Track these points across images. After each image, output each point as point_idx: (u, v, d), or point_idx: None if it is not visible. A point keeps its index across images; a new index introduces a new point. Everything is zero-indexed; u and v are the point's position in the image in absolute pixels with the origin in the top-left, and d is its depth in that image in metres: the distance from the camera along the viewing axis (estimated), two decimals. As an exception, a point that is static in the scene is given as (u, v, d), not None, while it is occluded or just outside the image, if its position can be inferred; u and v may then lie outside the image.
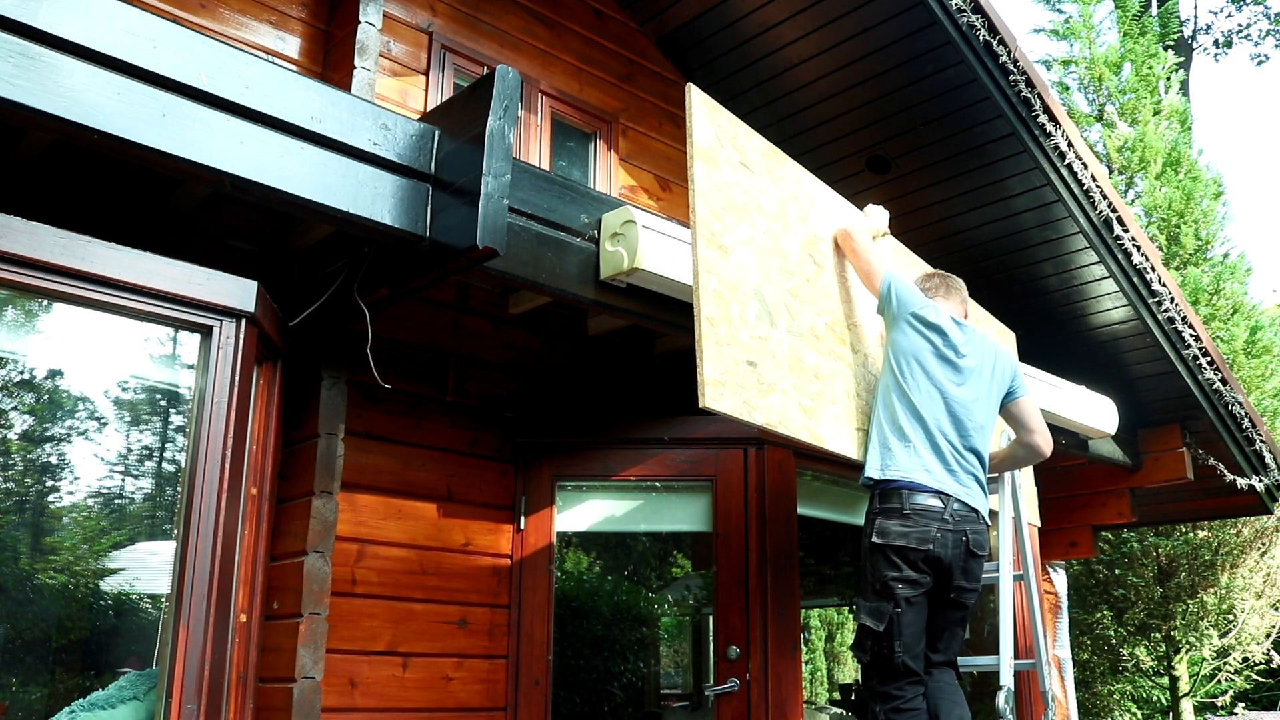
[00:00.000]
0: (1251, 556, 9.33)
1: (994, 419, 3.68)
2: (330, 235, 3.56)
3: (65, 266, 2.80)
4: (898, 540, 3.32)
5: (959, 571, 3.41)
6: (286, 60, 4.42)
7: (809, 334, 3.57)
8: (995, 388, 3.68)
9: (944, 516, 3.34)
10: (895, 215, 4.15)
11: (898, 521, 3.34)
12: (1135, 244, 5.70)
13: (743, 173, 3.50)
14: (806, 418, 3.43)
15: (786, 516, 4.45)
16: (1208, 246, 10.45)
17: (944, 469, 3.41)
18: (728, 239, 3.32)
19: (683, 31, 5.74)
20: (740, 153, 3.53)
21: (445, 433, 4.24)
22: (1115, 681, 10.50)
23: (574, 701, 6.25)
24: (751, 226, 3.45)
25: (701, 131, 3.35)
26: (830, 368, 3.62)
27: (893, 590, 3.32)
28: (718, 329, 3.15)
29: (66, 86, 2.52)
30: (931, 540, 3.32)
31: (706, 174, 3.32)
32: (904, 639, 3.31)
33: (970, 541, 3.40)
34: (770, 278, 3.45)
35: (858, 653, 3.44)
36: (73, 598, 3.61)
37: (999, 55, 5.11)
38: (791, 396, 3.38)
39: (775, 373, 3.34)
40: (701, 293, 3.13)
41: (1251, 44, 19.65)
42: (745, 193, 3.47)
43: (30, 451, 3.51)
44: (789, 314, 3.49)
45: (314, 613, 3.47)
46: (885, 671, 3.34)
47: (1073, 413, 5.65)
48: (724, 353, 3.15)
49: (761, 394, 3.25)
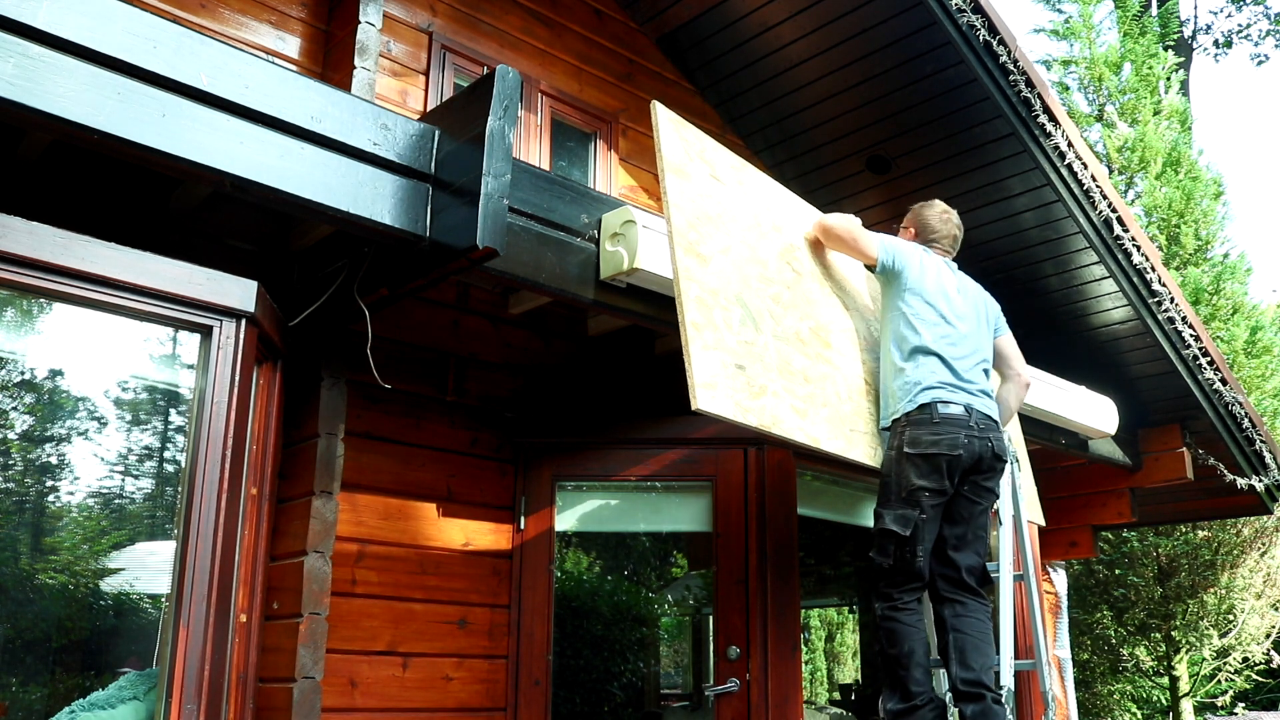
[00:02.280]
0: (1251, 556, 9.33)
1: (990, 348, 3.92)
2: (330, 235, 3.56)
3: (65, 266, 2.80)
4: (929, 449, 3.52)
5: (985, 472, 3.63)
6: (286, 60, 4.42)
7: (794, 338, 3.59)
8: (986, 323, 3.93)
9: (969, 424, 3.57)
10: (895, 215, 4.16)
11: (929, 430, 3.54)
12: (1135, 244, 5.70)
13: (714, 184, 3.54)
14: (800, 419, 3.44)
15: (786, 516, 4.45)
16: (1208, 246, 10.45)
17: (961, 387, 3.63)
18: (705, 248, 3.33)
19: (683, 31, 5.74)
20: (710, 165, 3.57)
21: (445, 433, 4.24)
22: (1115, 681, 10.50)
23: (574, 701, 6.24)
24: (728, 235, 3.47)
25: (670, 146, 3.38)
26: (819, 371, 3.65)
27: (918, 498, 3.51)
28: (703, 334, 3.16)
29: (66, 86, 2.52)
30: (961, 446, 3.53)
31: (679, 186, 3.33)
32: (925, 544, 3.53)
33: (995, 446, 3.64)
34: (751, 285, 3.48)
35: (878, 558, 3.58)
36: (73, 598, 3.61)
37: (999, 55, 5.11)
38: (783, 399, 3.40)
39: (765, 376, 3.36)
40: (684, 300, 3.14)
41: (1252, 44, 19.65)
42: (718, 204, 3.50)
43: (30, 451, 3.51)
44: (773, 320, 3.51)
45: (314, 613, 3.47)
46: (905, 574, 3.54)
47: (1073, 413, 5.65)
48: (711, 356, 3.15)
49: (753, 396, 3.26)
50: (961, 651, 3.53)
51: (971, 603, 3.64)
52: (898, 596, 3.55)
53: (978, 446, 3.57)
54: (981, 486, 3.66)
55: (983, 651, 3.55)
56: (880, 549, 3.57)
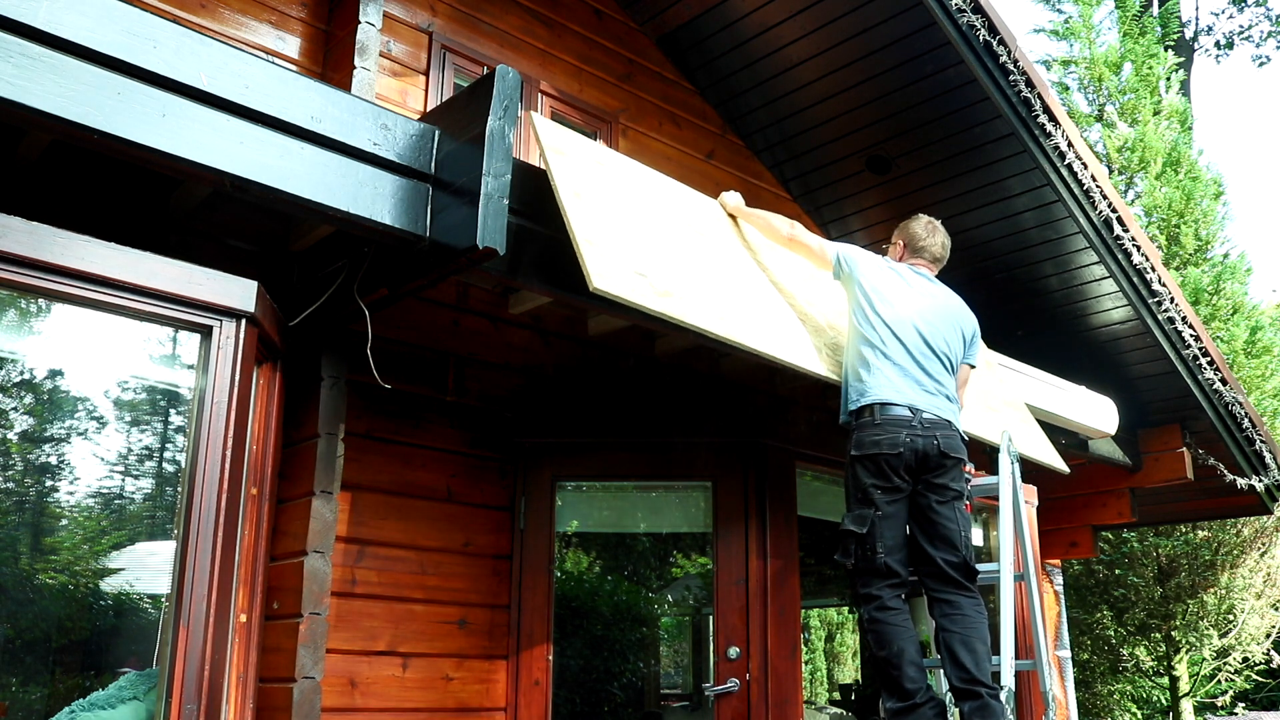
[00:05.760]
0: (1251, 556, 9.33)
1: (957, 348, 3.91)
2: (330, 235, 3.56)
3: (65, 266, 2.80)
4: (872, 449, 3.60)
5: (935, 469, 3.65)
6: (286, 60, 4.42)
7: (705, 262, 3.75)
8: (955, 329, 3.91)
9: (913, 424, 3.62)
10: (895, 215, 4.17)
11: (871, 431, 3.62)
12: (1135, 244, 5.70)
13: (598, 167, 3.68)
14: (717, 318, 3.55)
15: (786, 516, 4.45)
16: (1208, 246, 10.45)
17: (912, 386, 3.68)
18: (598, 195, 3.48)
19: (683, 31, 5.74)
20: (593, 154, 3.72)
21: (445, 433, 4.23)
22: (1115, 681, 10.50)
23: (574, 701, 6.24)
24: (620, 195, 3.63)
25: (549, 138, 3.54)
26: (737, 289, 3.81)
27: (871, 496, 3.60)
28: (597, 247, 3.26)
29: (66, 86, 2.52)
30: (902, 445, 3.58)
31: (559, 162, 3.46)
32: (885, 542, 3.58)
33: (941, 444, 3.64)
34: (652, 225, 3.65)
35: (841, 558, 3.65)
36: (73, 598, 3.61)
37: (999, 55, 5.11)
38: (692, 300, 3.50)
39: (669, 283, 3.45)
40: (573, 223, 3.25)
41: (1253, 45, 19.67)
42: (605, 176, 3.66)
43: (30, 451, 3.51)
44: (680, 252, 3.68)
45: (314, 613, 3.46)
46: (869, 572, 3.59)
47: (1073, 413, 5.65)
48: (609, 260, 3.25)
49: (660, 295, 3.35)
50: (953, 650, 3.54)
51: (960, 599, 3.64)
52: (878, 595, 3.57)
53: (921, 445, 3.60)
54: (935, 484, 3.66)
55: (974, 648, 3.55)
56: (843, 550, 3.63)
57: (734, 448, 4.44)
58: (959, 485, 3.73)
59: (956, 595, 3.64)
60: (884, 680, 3.54)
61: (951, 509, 3.69)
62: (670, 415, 4.50)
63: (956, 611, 3.61)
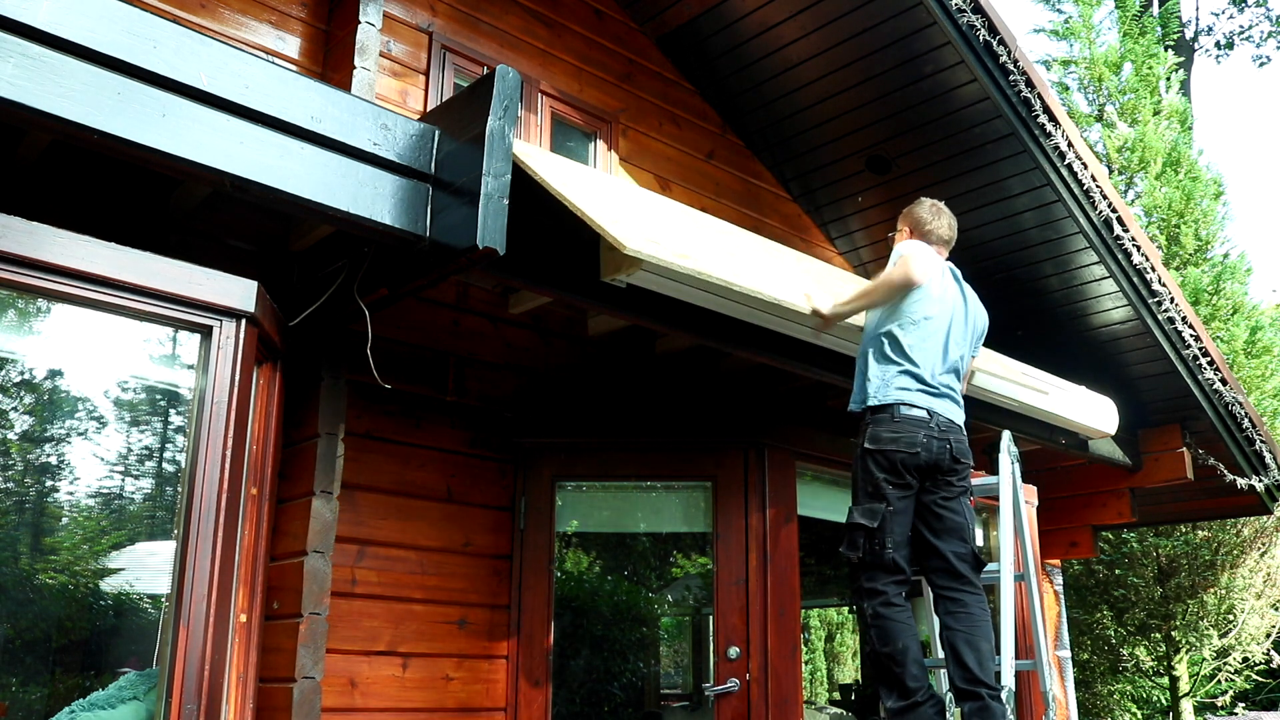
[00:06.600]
0: (1251, 556, 9.33)
1: (969, 344, 3.94)
2: (330, 235, 3.56)
3: (65, 266, 2.80)
4: (887, 445, 3.60)
5: (946, 472, 3.68)
6: (286, 60, 4.42)
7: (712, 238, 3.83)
8: (972, 332, 3.96)
9: (930, 425, 3.64)
10: (895, 216, 4.16)
11: (889, 428, 3.62)
12: (1135, 244, 5.70)
13: (591, 173, 3.84)
14: (734, 273, 3.61)
15: (786, 516, 4.45)
16: (1208, 246, 10.45)
17: (932, 390, 3.69)
18: (598, 191, 3.53)
19: (683, 31, 5.74)
20: (582, 168, 3.86)
21: (445, 433, 4.23)
22: (1115, 681, 10.50)
23: (574, 701, 6.24)
24: (619, 193, 3.73)
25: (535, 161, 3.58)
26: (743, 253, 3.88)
27: (883, 490, 3.59)
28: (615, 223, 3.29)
29: (66, 86, 2.52)
30: (919, 445, 3.60)
31: (552, 169, 3.49)
32: (894, 536, 3.58)
33: (954, 448, 3.69)
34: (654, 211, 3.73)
35: (849, 552, 3.63)
36: (73, 598, 3.61)
37: (999, 55, 5.10)
38: (707, 260, 3.56)
39: (685, 246, 3.52)
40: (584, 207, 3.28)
41: (1253, 45, 19.68)
42: (600, 178, 3.79)
43: (30, 451, 3.50)
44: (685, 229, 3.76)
45: (314, 613, 3.46)
46: (876, 567, 3.58)
47: (1073, 413, 5.64)
48: (628, 231, 3.27)
49: (679, 256, 3.40)
50: (957, 649, 3.54)
51: (966, 598, 3.64)
52: (883, 591, 3.56)
53: (936, 448, 3.62)
54: (944, 483, 3.69)
55: (979, 648, 3.55)
56: (850, 543, 3.63)
57: (734, 448, 4.44)
58: (965, 482, 3.76)
59: (963, 593, 3.63)
60: (885, 677, 3.54)
61: (959, 503, 3.71)
62: (670, 415, 4.50)
63: (962, 610, 3.61)
